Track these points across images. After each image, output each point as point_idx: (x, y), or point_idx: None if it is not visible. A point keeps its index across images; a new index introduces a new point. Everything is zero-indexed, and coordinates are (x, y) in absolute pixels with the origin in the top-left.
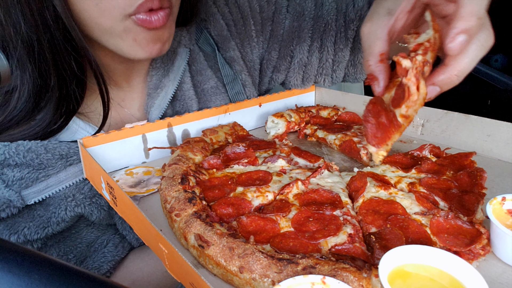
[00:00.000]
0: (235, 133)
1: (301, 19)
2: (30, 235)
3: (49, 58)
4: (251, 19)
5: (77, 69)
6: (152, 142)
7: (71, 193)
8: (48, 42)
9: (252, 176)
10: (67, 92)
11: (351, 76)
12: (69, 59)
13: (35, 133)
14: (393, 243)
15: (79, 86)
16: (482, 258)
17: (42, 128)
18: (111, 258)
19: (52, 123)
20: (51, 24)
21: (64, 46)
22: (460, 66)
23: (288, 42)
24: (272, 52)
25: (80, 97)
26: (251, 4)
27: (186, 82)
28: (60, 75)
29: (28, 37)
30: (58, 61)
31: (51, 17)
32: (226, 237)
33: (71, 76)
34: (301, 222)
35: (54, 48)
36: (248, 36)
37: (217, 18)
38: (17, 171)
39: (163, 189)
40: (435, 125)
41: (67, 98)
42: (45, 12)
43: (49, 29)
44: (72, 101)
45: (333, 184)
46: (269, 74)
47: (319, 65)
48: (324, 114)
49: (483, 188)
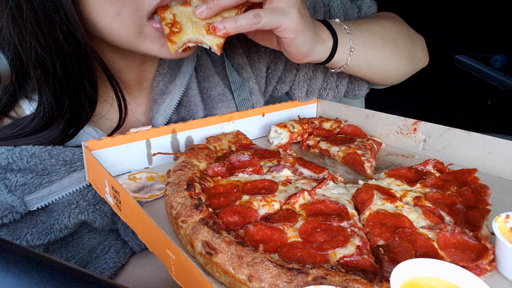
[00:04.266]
0: (239, 141)
1: None
2: (32, 241)
3: (62, 80)
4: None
5: (90, 87)
6: (156, 148)
7: (75, 199)
8: (61, 64)
9: (257, 185)
10: (78, 112)
11: (351, 92)
12: (82, 80)
13: (41, 143)
14: (402, 256)
15: (90, 104)
16: (488, 273)
17: (48, 141)
18: (113, 265)
19: (59, 137)
20: (63, 45)
21: (77, 66)
22: None
23: None
24: (278, 63)
25: (91, 113)
26: None
27: (192, 88)
28: (73, 97)
29: (44, 60)
30: (71, 82)
31: (63, 38)
32: (234, 245)
33: (84, 97)
34: (309, 232)
35: (67, 70)
36: (256, 44)
37: None
38: (20, 176)
39: (168, 195)
40: (437, 141)
41: (77, 117)
42: (57, 34)
43: (62, 50)
44: (82, 119)
45: (339, 195)
46: (273, 84)
47: (324, 79)
48: (326, 126)
49: (488, 204)
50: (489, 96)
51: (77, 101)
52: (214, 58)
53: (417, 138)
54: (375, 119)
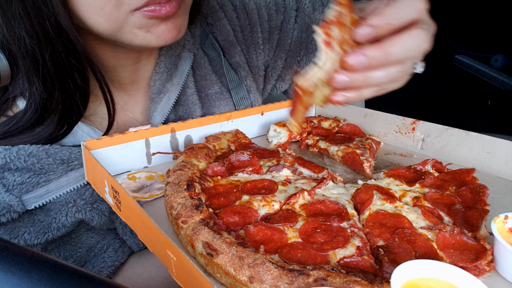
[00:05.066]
0: (238, 140)
1: (309, 30)
2: (30, 240)
3: (52, 71)
4: (259, 26)
5: (80, 80)
6: (155, 147)
7: (72, 198)
8: (50, 54)
9: (257, 185)
10: (70, 105)
11: None
12: (72, 71)
13: (37, 141)
14: (402, 257)
15: (82, 97)
16: (487, 274)
17: (44, 137)
18: (111, 263)
19: (54, 133)
20: (53, 36)
21: (66, 57)
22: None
23: (295, 52)
24: (278, 61)
25: (83, 107)
26: (260, 12)
27: (189, 87)
28: (63, 88)
29: (33, 51)
30: (61, 73)
31: (52, 29)
32: (235, 246)
33: (74, 88)
34: (309, 233)
35: (56, 61)
36: (255, 43)
37: (223, 23)
38: (17, 176)
39: (168, 195)
40: (435, 140)
41: (70, 110)
42: (45, 25)
43: (51, 41)
44: (75, 113)
45: (339, 195)
46: (273, 82)
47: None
48: (325, 125)
49: (486, 204)
50: (489, 96)
51: (68, 93)
52: (211, 57)
53: (416, 137)
54: (374, 118)
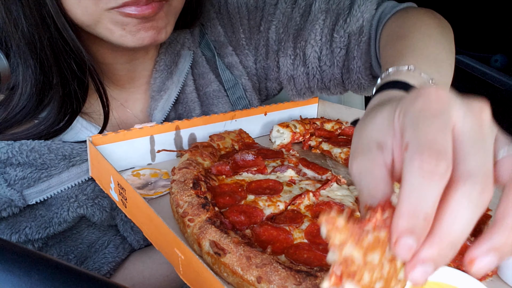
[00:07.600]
0: (241, 140)
1: (286, 29)
2: (31, 234)
3: (49, 54)
4: (240, 27)
5: (78, 69)
6: (159, 144)
7: (74, 194)
8: (48, 40)
9: (262, 185)
10: (69, 92)
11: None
12: (69, 59)
13: (39, 132)
14: None
15: (81, 86)
16: (489, 278)
17: (46, 127)
18: (112, 260)
19: (56, 123)
20: (50, 22)
21: (62, 46)
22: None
23: (273, 53)
24: (262, 62)
25: (82, 97)
26: (240, 10)
27: (189, 85)
28: (62, 74)
29: (30, 34)
30: (59, 59)
31: (48, 15)
32: (243, 246)
33: (72, 76)
34: (314, 234)
35: (54, 47)
36: (240, 44)
37: (214, 23)
38: (19, 171)
39: (174, 193)
40: None
41: (70, 97)
42: (42, 10)
43: (48, 27)
44: (75, 101)
45: (343, 197)
46: (264, 82)
47: (307, 78)
48: (328, 127)
49: (488, 210)
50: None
51: (66, 79)
52: (207, 57)
53: None
54: None
